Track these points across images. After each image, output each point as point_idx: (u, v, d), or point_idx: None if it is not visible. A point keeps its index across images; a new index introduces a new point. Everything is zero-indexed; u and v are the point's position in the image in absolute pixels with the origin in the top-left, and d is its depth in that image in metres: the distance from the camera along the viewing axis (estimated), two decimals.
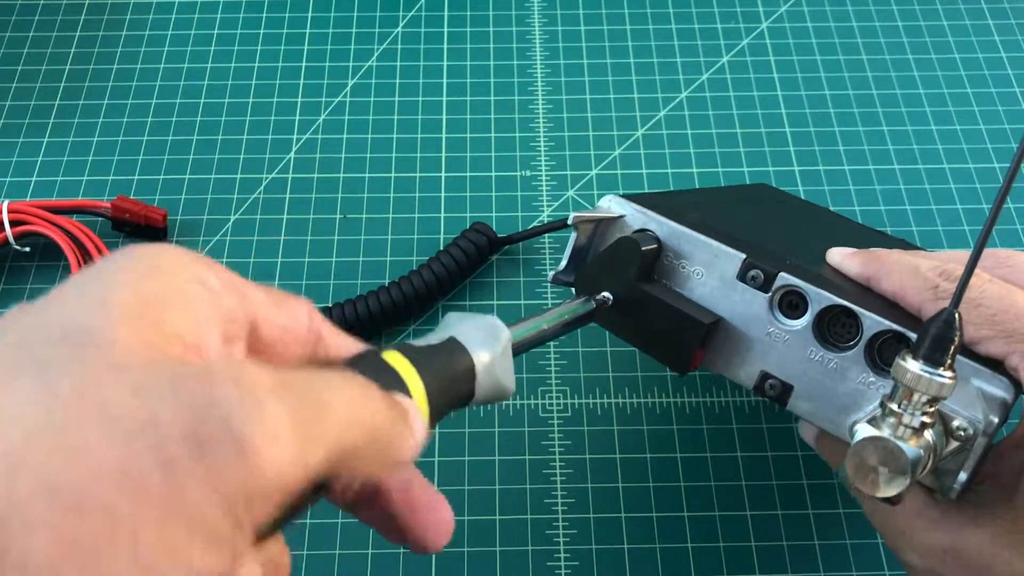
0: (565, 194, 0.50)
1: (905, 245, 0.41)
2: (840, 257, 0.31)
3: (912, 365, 0.23)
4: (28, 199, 0.49)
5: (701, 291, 0.31)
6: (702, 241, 0.30)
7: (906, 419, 0.23)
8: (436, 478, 0.41)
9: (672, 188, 0.50)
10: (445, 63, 0.55)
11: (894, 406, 0.24)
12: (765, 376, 0.30)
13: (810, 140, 0.52)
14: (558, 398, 0.43)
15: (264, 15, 0.58)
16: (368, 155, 0.51)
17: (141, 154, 0.51)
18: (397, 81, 0.55)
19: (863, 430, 0.24)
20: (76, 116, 0.53)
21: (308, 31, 0.57)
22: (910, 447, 0.23)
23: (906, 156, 0.52)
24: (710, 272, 0.30)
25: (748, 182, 0.50)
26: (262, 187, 0.50)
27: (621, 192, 0.33)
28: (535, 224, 0.48)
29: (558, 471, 0.41)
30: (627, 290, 0.30)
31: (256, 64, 0.55)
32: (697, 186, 0.50)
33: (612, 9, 0.58)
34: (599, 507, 0.40)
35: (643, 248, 0.30)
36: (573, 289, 0.32)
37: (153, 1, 0.58)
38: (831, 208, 0.49)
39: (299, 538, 0.39)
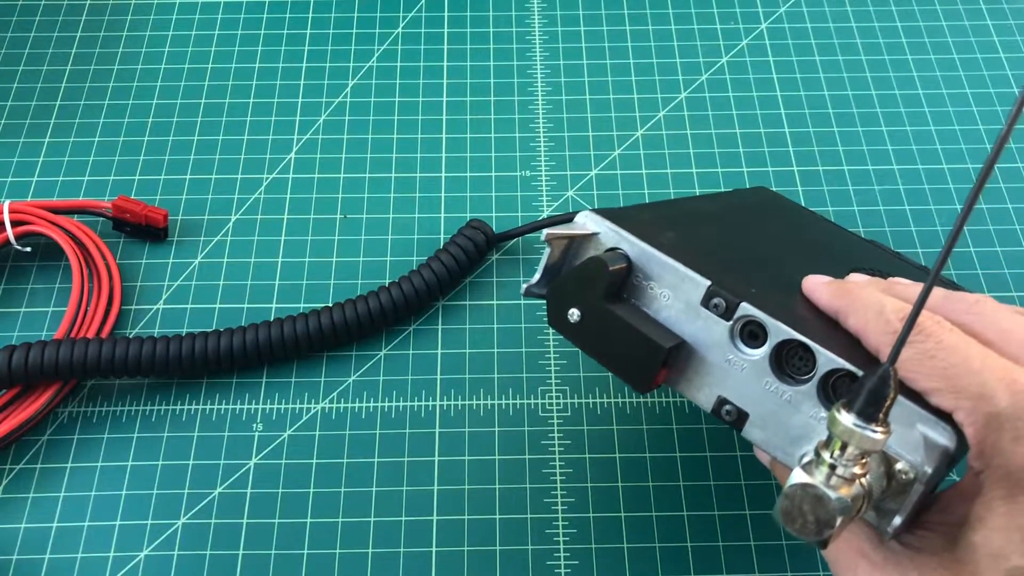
0: (565, 194, 0.50)
1: (900, 263, 0.40)
2: (812, 286, 0.31)
3: (845, 419, 0.23)
4: (29, 199, 0.49)
5: (667, 313, 0.31)
6: (670, 264, 0.30)
7: (839, 469, 0.23)
8: (436, 478, 0.41)
9: (672, 188, 0.50)
10: (445, 63, 0.56)
11: (827, 455, 0.24)
12: (723, 401, 0.30)
13: (809, 140, 0.52)
14: (558, 398, 0.43)
15: (265, 16, 0.58)
16: (368, 155, 0.51)
17: (142, 154, 0.51)
18: (397, 81, 0.55)
19: (796, 475, 0.24)
20: (77, 116, 0.53)
21: (308, 31, 0.57)
22: (839, 496, 0.23)
23: (905, 156, 0.52)
24: (676, 295, 0.30)
25: (747, 182, 0.50)
26: (263, 187, 0.50)
27: (596, 208, 0.33)
28: (538, 221, 0.48)
29: (558, 471, 0.41)
30: (594, 308, 0.30)
31: (257, 64, 0.55)
32: (696, 187, 0.50)
33: (612, 9, 0.58)
34: (599, 507, 0.40)
35: (610, 268, 0.30)
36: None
37: (154, 2, 0.58)
38: (831, 208, 0.49)
39: (299, 538, 0.39)
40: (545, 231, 0.31)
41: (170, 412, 0.43)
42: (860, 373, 0.27)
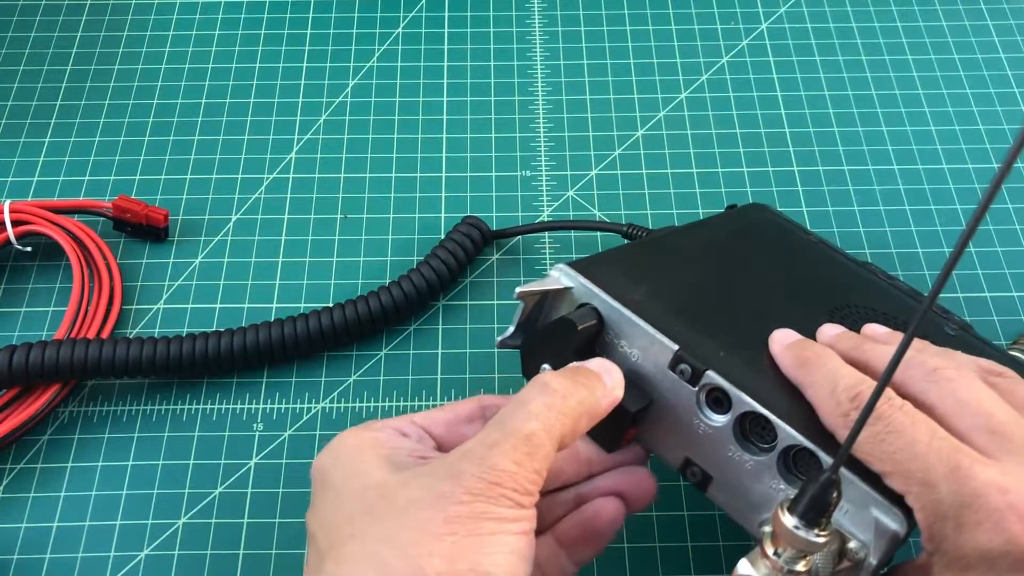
0: (565, 194, 0.50)
1: (892, 290, 0.39)
2: (776, 350, 0.31)
3: (788, 520, 0.23)
4: (30, 199, 0.49)
5: (637, 372, 0.31)
6: (639, 326, 0.30)
7: (780, 564, 0.24)
8: None
9: (672, 188, 0.50)
10: (445, 63, 0.56)
11: (770, 551, 0.24)
12: (688, 462, 0.30)
13: (809, 140, 0.52)
14: None
15: (265, 16, 0.58)
16: (368, 155, 0.51)
17: (142, 154, 0.51)
18: (398, 81, 0.55)
19: (741, 566, 0.25)
20: (78, 116, 0.53)
21: (309, 31, 0.57)
22: None
23: (905, 156, 0.52)
24: (645, 356, 0.30)
25: (747, 182, 0.50)
26: (263, 187, 0.50)
27: (574, 260, 0.33)
28: (537, 223, 0.48)
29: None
30: (565, 365, 0.30)
31: (257, 64, 0.55)
32: (696, 187, 0.50)
33: (612, 9, 0.58)
34: None
35: (579, 328, 0.30)
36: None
37: (155, 2, 0.58)
38: (831, 208, 0.49)
39: (299, 538, 0.39)
40: (517, 289, 0.31)
41: (170, 412, 0.43)
42: (818, 453, 0.27)
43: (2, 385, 0.40)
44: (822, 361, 0.29)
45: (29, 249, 0.47)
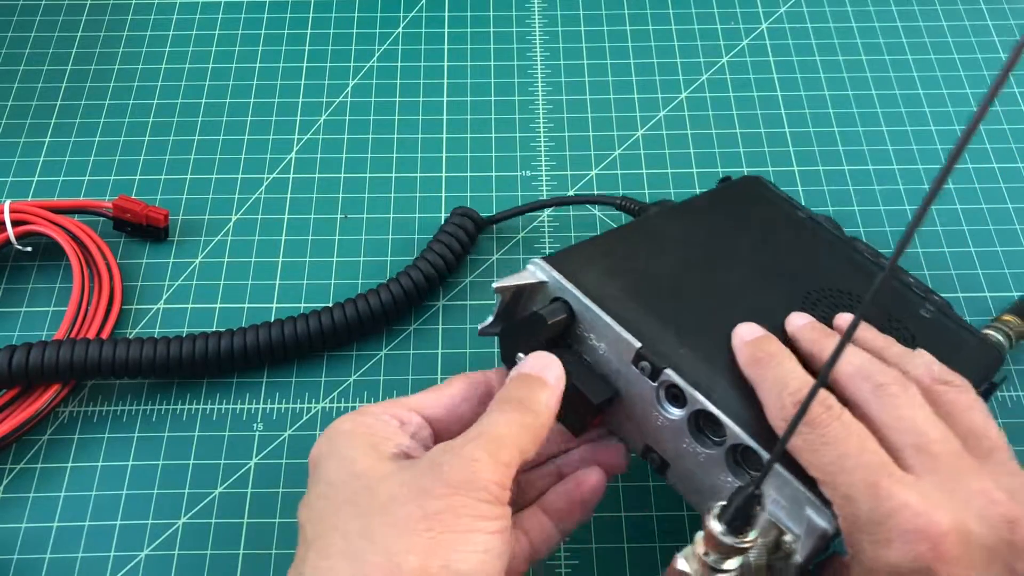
0: (566, 194, 0.50)
1: (877, 270, 0.39)
2: (736, 345, 0.32)
3: (715, 527, 0.25)
4: (30, 199, 0.49)
5: (605, 364, 0.32)
6: (605, 322, 0.32)
7: (708, 563, 0.25)
8: None
9: (672, 188, 0.50)
10: (446, 63, 0.56)
11: (700, 550, 0.25)
12: (649, 448, 0.32)
13: (809, 140, 0.52)
14: None
15: (265, 15, 0.58)
16: (369, 155, 0.51)
17: (143, 154, 0.51)
18: (398, 81, 0.55)
19: (678, 561, 0.26)
20: (78, 116, 0.53)
21: (309, 31, 0.57)
22: None
23: (905, 156, 0.52)
24: (611, 350, 0.32)
25: None
26: (263, 187, 0.50)
27: (552, 253, 0.35)
28: (536, 223, 0.48)
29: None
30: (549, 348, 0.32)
31: (257, 64, 0.55)
32: (697, 187, 0.50)
33: (612, 9, 0.58)
34: (599, 507, 0.40)
35: (549, 323, 0.32)
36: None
37: (155, 1, 0.58)
38: (831, 209, 0.49)
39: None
40: (494, 284, 0.34)
41: (170, 412, 0.43)
42: (761, 453, 0.29)
43: (2, 385, 0.40)
44: (775, 361, 0.30)
45: (29, 249, 0.47)
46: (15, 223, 0.45)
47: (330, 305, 0.44)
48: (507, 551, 0.27)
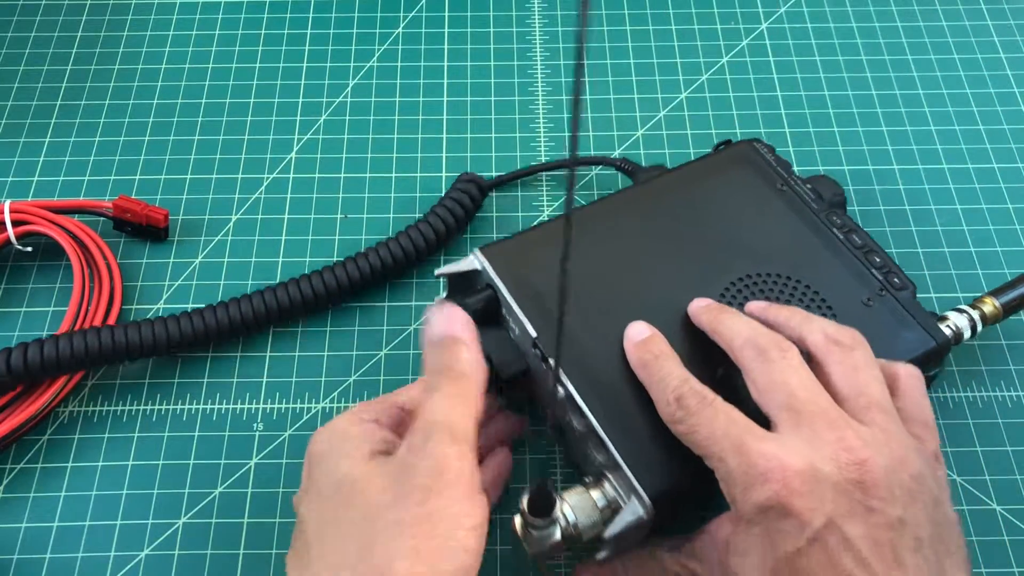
0: (566, 194, 0.50)
1: (833, 254, 0.40)
2: (627, 346, 0.36)
3: (523, 506, 0.31)
4: (30, 199, 0.49)
5: (520, 344, 0.38)
6: (514, 309, 0.37)
7: (530, 527, 0.32)
8: None
9: None
10: (446, 63, 0.56)
11: (519, 523, 0.32)
12: (551, 416, 0.38)
13: (809, 140, 0.52)
14: None
15: (265, 15, 0.58)
16: (369, 155, 0.51)
17: (143, 154, 0.51)
18: (398, 81, 0.55)
19: (516, 518, 0.32)
20: (78, 116, 0.53)
21: (309, 31, 0.57)
22: (532, 542, 0.32)
23: (905, 156, 0.52)
24: (521, 333, 0.37)
25: None
26: (263, 187, 0.50)
27: (498, 240, 0.40)
28: (535, 223, 0.48)
29: (559, 470, 0.41)
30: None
31: (257, 64, 0.55)
32: None
33: (612, 9, 0.58)
34: None
35: (468, 303, 0.37)
36: None
37: (155, 1, 0.58)
38: None
39: None
40: (436, 271, 0.40)
41: (170, 412, 0.43)
42: (606, 440, 0.34)
43: (18, 380, 0.40)
44: (658, 364, 0.34)
45: (29, 249, 0.47)
46: (15, 223, 0.45)
47: (334, 263, 0.45)
48: (483, 543, 0.29)
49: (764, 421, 0.31)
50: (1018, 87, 0.55)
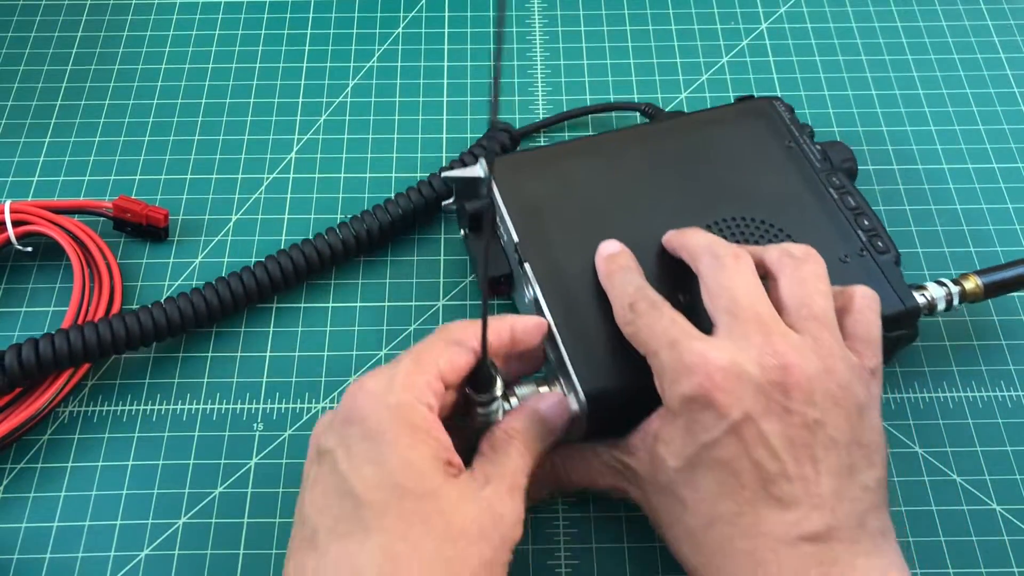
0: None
1: (820, 211, 0.41)
2: (597, 260, 0.38)
3: (466, 390, 0.33)
4: (30, 199, 0.49)
5: (507, 248, 0.41)
6: (504, 214, 0.41)
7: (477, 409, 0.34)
8: None
9: None
10: (446, 63, 0.56)
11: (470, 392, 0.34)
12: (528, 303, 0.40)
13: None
14: None
15: (265, 15, 0.58)
16: (369, 155, 0.51)
17: (143, 154, 0.51)
18: (398, 81, 0.55)
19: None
20: (78, 116, 0.53)
21: (309, 31, 0.57)
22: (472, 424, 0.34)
23: (905, 156, 0.52)
24: (508, 238, 0.41)
25: None
26: (263, 187, 0.50)
27: (514, 151, 0.45)
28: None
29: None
30: (466, 234, 0.45)
31: (257, 64, 0.55)
32: None
33: (612, 9, 0.58)
34: (599, 507, 0.40)
35: (467, 209, 0.43)
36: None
37: (155, 2, 0.58)
38: None
39: None
40: (443, 172, 0.44)
41: (170, 412, 0.43)
42: (548, 316, 0.37)
43: (28, 376, 0.40)
44: (620, 275, 0.36)
45: (29, 249, 0.47)
46: (15, 223, 0.45)
47: (340, 222, 0.46)
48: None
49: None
50: (1018, 87, 0.55)
